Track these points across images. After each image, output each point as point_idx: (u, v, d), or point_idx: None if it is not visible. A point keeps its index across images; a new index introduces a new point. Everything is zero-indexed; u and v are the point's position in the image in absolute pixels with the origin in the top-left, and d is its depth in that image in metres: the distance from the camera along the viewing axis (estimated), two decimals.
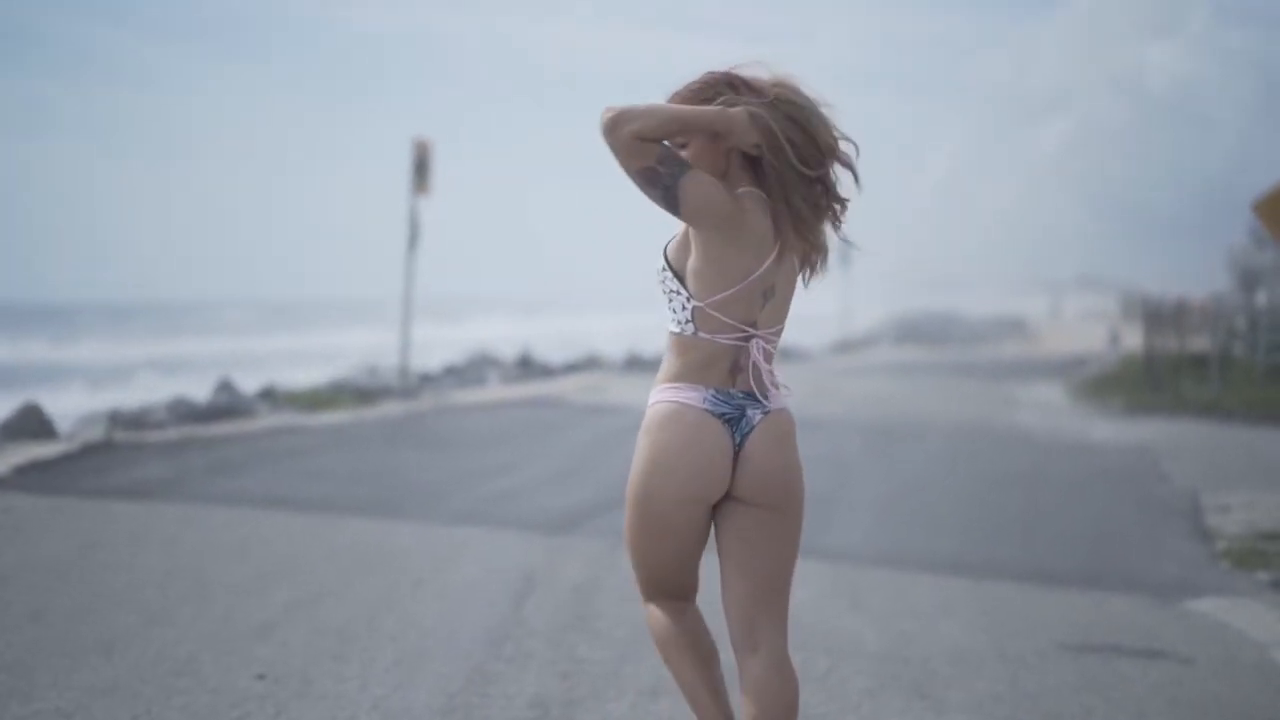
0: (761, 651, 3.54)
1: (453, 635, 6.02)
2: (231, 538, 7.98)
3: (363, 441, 13.42)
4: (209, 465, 10.98)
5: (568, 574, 7.41)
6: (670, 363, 3.56)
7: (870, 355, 39.24)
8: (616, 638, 6.09)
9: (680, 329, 3.52)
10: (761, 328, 3.53)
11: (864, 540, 9.12)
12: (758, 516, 3.56)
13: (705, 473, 3.51)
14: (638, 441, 3.57)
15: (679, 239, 3.58)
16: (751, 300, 3.50)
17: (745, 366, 3.52)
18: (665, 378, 3.56)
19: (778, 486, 3.55)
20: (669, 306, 3.55)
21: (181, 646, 5.59)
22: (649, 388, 3.67)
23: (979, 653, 6.18)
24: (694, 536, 3.62)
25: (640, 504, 3.57)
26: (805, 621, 6.53)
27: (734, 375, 3.52)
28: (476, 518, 9.14)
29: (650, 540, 3.60)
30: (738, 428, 3.52)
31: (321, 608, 6.37)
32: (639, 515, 3.59)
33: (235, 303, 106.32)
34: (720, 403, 3.51)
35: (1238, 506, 10.98)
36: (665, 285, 3.56)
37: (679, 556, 3.63)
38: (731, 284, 3.48)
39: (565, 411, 17.31)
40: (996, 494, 11.59)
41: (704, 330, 3.50)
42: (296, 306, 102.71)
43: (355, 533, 8.37)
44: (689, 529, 3.59)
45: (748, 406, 3.53)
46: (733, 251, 3.47)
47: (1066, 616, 7.11)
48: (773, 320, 3.55)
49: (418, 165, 20.51)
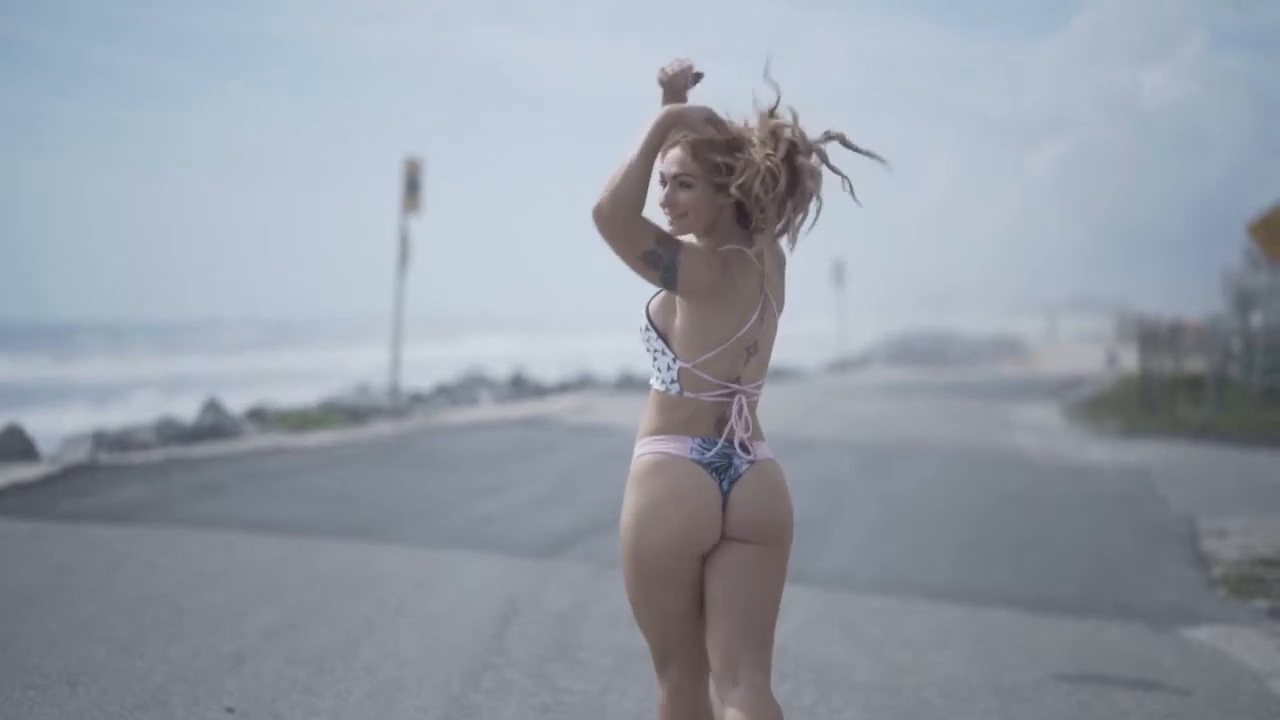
0: (741, 685, 3.46)
1: (432, 665, 5.86)
2: (210, 562, 7.82)
3: (350, 462, 13.26)
4: (191, 487, 10.82)
5: (552, 600, 7.26)
6: (654, 418, 3.54)
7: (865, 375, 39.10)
8: (600, 668, 5.94)
9: (665, 388, 3.52)
10: (745, 383, 3.54)
11: (856, 565, 8.97)
12: (744, 554, 3.52)
13: (697, 519, 3.48)
14: (627, 495, 3.53)
15: (662, 298, 3.56)
16: (736, 357, 3.51)
17: (729, 419, 3.51)
18: (650, 430, 3.54)
19: (766, 525, 3.53)
20: (653, 364, 3.55)
21: (150, 678, 5.43)
22: (640, 409, 3.63)
23: (972, 684, 6.03)
24: (694, 590, 3.55)
25: (636, 557, 3.52)
26: (793, 650, 6.38)
27: (719, 428, 3.52)
28: (462, 541, 8.98)
29: (652, 594, 3.53)
30: (725, 475, 3.51)
31: (297, 636, 6.21)
32: (636, 568, 3.53)
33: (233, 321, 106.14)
34: (706, 451, 3.50)
35: (1235, 531, 10.83)
36: (649, 344, 3.55)
37: (680, 610, 3.55)
38: (717, 344, 3.49)
39: (556, 432, 17.16)
40: (991, 517, 11.44)
41: (689, 390, 3.51)
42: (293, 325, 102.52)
43: (337, 557, 8.21)
44: (687, 580, 3.53)
45: (733, 456, 3.52)
46: (718, 313, 3.48)
47: (1062, 645, 6.95)
48: (756, 375, 3.57)
49: (409, 183, 20.41)
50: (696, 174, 3.47)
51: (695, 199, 3.48)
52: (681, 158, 3.48)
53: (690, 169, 3.47)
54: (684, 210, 3.48)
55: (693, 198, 3.48)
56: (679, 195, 3.48)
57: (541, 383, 29.55)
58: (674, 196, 3.49)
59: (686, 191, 3.48)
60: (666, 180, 3.50)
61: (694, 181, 3.47)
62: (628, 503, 3.52)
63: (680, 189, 3.48)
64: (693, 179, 3.47)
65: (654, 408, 3.54)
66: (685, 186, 3.48)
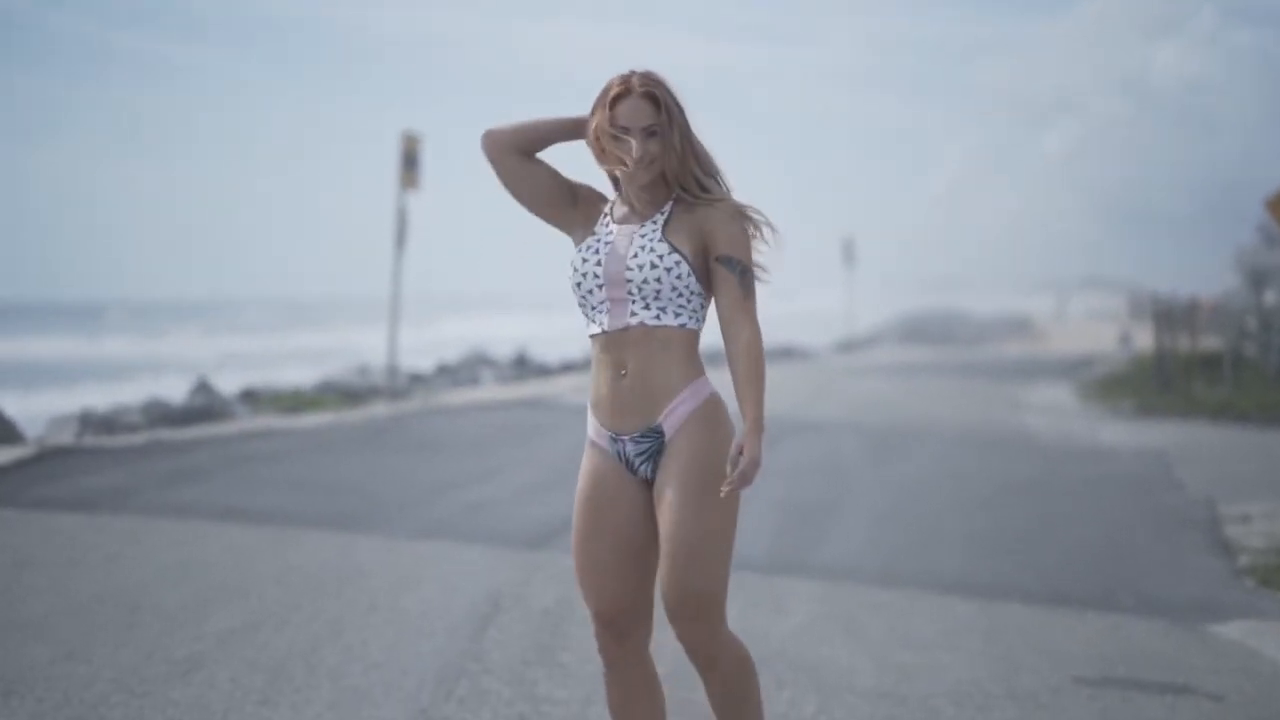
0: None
1: (402, 671, 5.42)
2: (175, 555, 7.38)
3: (340, 446, 12.83)
4: (170, 473, 10.38)
5: (537, 596, 6.81)
6: (695, 357, 3.55)
7: (874, 355, 38.60)
8: (584, 674, 5.49)
9: (697, 326, 3.55)
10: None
11: (860, 555, 8.52)
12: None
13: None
14: (716, 431, 3.48)
15: (696, 247, 3.53)
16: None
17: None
18: (698, 370, 3.55)
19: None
20: (682, 303, 3.50)
21: (93, 687, 4.99)
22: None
23: (986, 689, 5.58)
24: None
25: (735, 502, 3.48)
26: (792, 653, 5.94)
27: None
28: (446, 531, 8.54)
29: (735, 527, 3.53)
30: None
31: (259, 638, 5.77)
32: (733, 506, 3.48)
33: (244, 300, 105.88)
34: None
35: (1258, 517, 10.37)
36: (681, 280, 3.49)
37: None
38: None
39: (556, 413, 16.72)
40: (1002, 503, 10.98)
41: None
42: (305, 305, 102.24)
43: (312, 549, 7.77)
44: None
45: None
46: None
47: (1081, 644, 6.49)
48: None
49: (406, 159, 19.91)
50: (664, 124, 3.52)
51: (662, 148, 3.52)
52: (644, 108, 3.51)
53: (659, 119, 3.52)
54: (654, 158, 3.51)
55: (660, 146, 3.52)
56: (650, 145, 3.51)
57: (545, 362, 29.10)
58: (646, 146, 3.50)
59: (655, 140, 3.51)
60: (633, 131, 3.49)
61: (660, 130, 3.51)
62: (724, 435, 3.48)
63: (650, 138, 3.51)
64: (659, 128, 3.52)
65: (691, 347, 3.53)
66: (653, 135, 3.51)
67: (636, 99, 3.50)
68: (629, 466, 3.57)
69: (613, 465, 3.58)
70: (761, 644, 6.00)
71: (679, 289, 3.48)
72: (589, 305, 3.55)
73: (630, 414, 3.52)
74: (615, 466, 3.57)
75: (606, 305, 3.52)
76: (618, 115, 3.50)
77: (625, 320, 3.49)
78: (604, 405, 3.56)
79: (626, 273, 3.49)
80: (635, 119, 3.49)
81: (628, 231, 3.54)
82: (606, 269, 3.51)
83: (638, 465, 3.55)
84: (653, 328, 3.48)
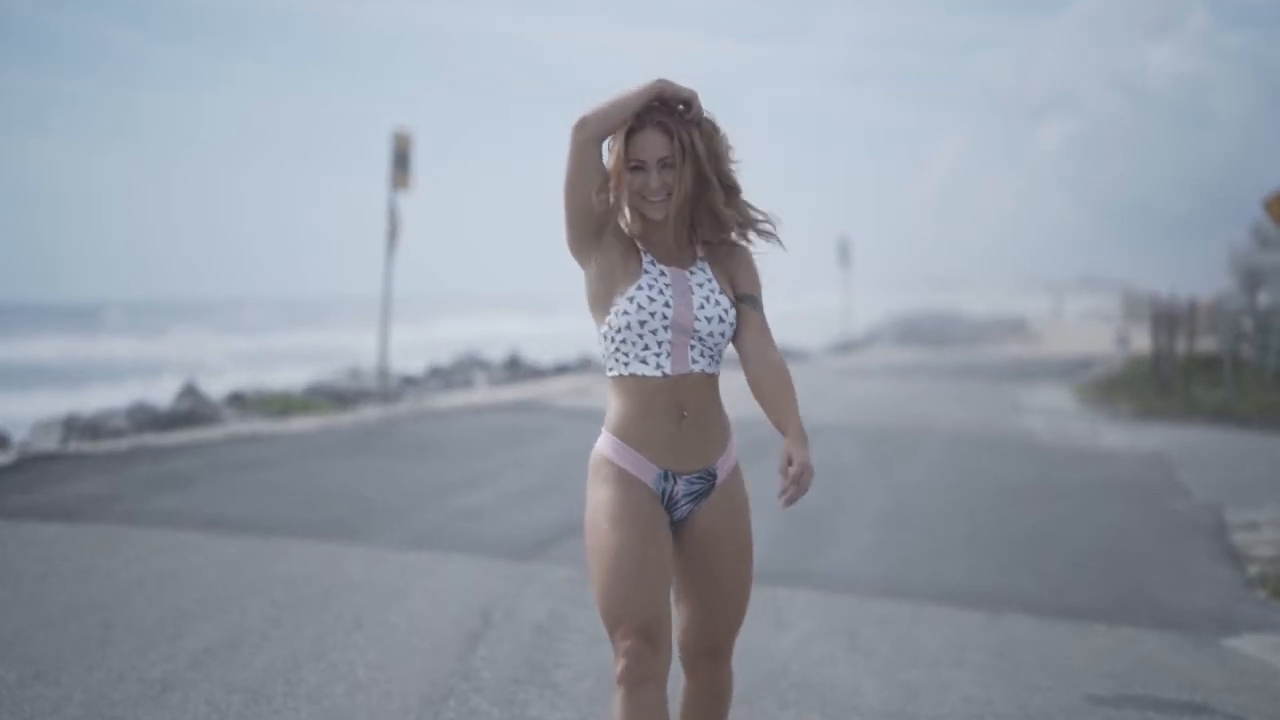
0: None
1: (387, 692, 5.18)
2: (153, 567, 7.13)
3: (328, 452, 12.58)
4: (152, 480, 10.13)
5: (529, 610, 6.57)
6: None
7: (870, 356, 38.36)
8: (577, 694, 5.25)
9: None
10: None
11: (861, 564, 8.28)
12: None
13: None
14: (745, 483, 3.70)
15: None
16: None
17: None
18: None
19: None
20: (722, 350, 3.60)
21: (59, 712, 4.75)
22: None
23: (997, 710, 5.34)
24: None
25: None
26: (794, 671, 5.70)
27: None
28: (435, 541, 8.30)
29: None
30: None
31: (238, 656, 5.53)
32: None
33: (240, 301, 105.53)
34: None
35: (1266, 524, 10.14)
36: (730, 331, 3.57)
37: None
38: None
39: (549, 416, 16.48)
40: (1005, 509, 10.74)
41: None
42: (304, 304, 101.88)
43: (296, 560, 7.52)
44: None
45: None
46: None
47: (1092, 660, 6.26)
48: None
49: (397, 158, 19.67)
50: (678, 155, 3.48)
51: (676, 178, 3.48)
52: (658, 140, 3.48)
53: (673, 151, 3.48)
54: (669, 190, 3.48)
55: (675, 177, 3.48)
56: (666, 177, 3.48)
57: (538, 364, 28.85)
58: (662, 177, 3.48)
59: (669, 172, 3.48)
60: (647, 166, 3.47)
61: (674, 161, 3.48)
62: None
63: (664, 169, 3.48)
64: (673, 159, 3.48)
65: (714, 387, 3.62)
66: (669, 167, 3.48)
67: (650, 131, 3.49)
68: (667, 503, 3.56)
69: (651, 497, 3.53)
70: (764, 662, 5.77)
71: (727, 337, 3.56)
72: (642, 344, 3.51)
73: (691, 454, 3.54)
74: (654, 499, 3.54)
75: (667, 348, 3.50)
76: (633, 149, 3.50)
77: (688, 367, 3.52)
78: (660, 444, 3.52)
79: (695, 323, 3.50)
80: (650, 152, 3.49)
81: (681, 276, 3.54)
82: (676, 313, 3.50)
83: (680, 503, 3.56)
84: (710, 375, 3.56)
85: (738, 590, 3.62)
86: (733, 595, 3.61)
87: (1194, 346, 23.64)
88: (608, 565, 3.45)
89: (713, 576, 3.58)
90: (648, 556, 3.45)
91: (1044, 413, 19.56)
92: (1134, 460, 14.03)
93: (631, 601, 3.42)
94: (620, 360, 3.53)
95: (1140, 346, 32.38)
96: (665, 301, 3.50)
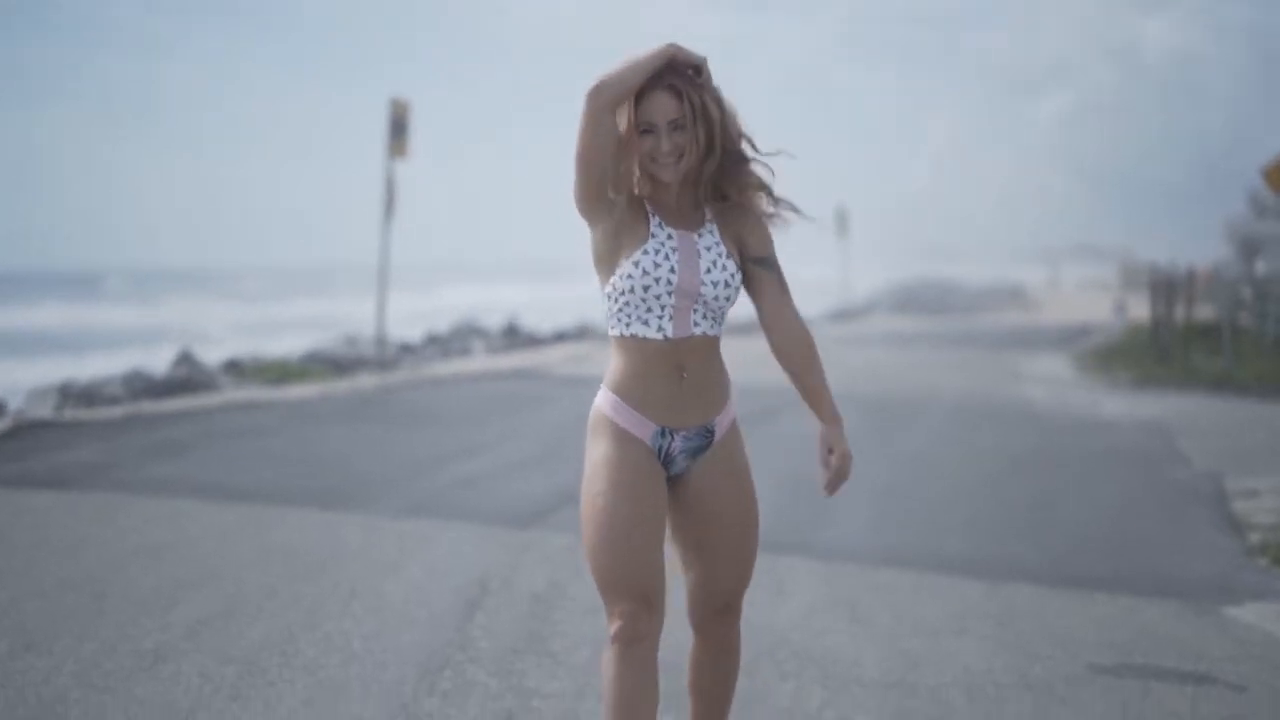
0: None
1: (383, 662, 5.13)
2: (149, 536, 7.07)
3: (325, 419, 12.52)
4: (148, 447, 10.07)
5: (526, 579, 6.52)
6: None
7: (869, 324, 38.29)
8: (574, 664, 5.21)
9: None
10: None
11: (862, 533, 8.23)
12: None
13: None
14: (742, 439, 3.74)
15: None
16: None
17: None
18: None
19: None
20: (727, 313, 3.62)
21: (50, 683, 4.69)
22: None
23: (999, 679, 5.30)
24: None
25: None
26: (795, 641, 5.65)
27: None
28: (431, 509, 8.24)
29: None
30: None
31: (232, 627, 5.48)
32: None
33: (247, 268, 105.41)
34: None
35: (1266, 491, 10.09)
36: (736, 294, 3.59)
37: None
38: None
39: (547, 384, 16.42)
40: (1005, 478, 10.69)
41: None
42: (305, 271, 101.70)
43: (293, 529, 7.47)
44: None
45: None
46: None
47: (1094, 629, 6.21)
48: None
49: (394, 126, 19.56)
50: (688, 116, 3.46)
51: (688, 140, 3.46)
52: (668, 102, 3.45)
53: (683, 112, 3.46)
54: (681, 152, 3.46)
55: (686, 139, 3.46)
56: (677, 139, 3.46)
57: (537, 332, 28.77)
58: (673, 139, 3.46)
59: (680, 134, 3.46)
60: (657, 128, 3.45)
61: (685, 123, 3.46)
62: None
63: (676, 132, 3.45)
64: (684, 121, 3.46)
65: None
66: (680, 129, 3.46)
67: (660, 93, 3.46)
68: (664, 458, 3.58)
69: (648, 455, 3.55)
70: (764, 632, 5.72)
71: (732, 300, 3.58)
72: (645, 307, 3.50)
73: (690, 411, 3.56)
74: (651, 456, 3.56)
75: (670, 312, 3.51)
76: (642, 112, 3.47)
77: (689, 330, 3.52)
78: (659, 403, 3.54)
79: (701, 287, 3.51)
80: (661, 114, 3.47)
81: (689, 240, 3.53)
82: (681, 278, 3.49)
83: (677, 459, 3.58)
84: (711, 337, 3.57)
85: (741, 545, 3.65)
86: (737, 550, 3.64)
87: (1192, 315, 23.57)
88: (601, 526, 3.47)
89: (714, 530, 3.61)
90: (642, 516, 3.48)
91: (1044, 381, 19.51)
92: (1134, 428, 13.99)
93: (626, 564, 3.45)
94: (622, 320, 3.52)
95: (1138, 315, 32.34)
96: (670, 267, 3.49)
